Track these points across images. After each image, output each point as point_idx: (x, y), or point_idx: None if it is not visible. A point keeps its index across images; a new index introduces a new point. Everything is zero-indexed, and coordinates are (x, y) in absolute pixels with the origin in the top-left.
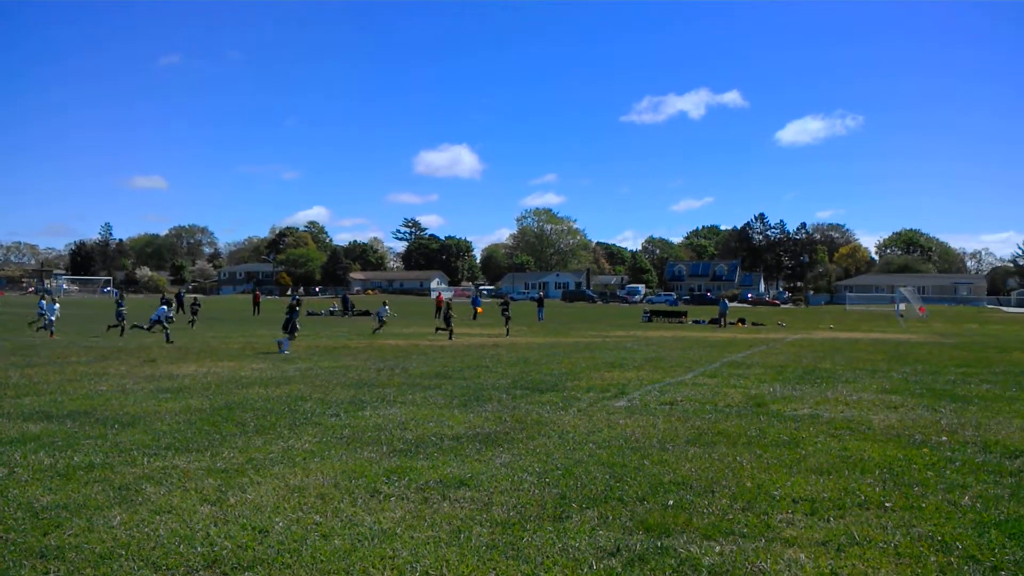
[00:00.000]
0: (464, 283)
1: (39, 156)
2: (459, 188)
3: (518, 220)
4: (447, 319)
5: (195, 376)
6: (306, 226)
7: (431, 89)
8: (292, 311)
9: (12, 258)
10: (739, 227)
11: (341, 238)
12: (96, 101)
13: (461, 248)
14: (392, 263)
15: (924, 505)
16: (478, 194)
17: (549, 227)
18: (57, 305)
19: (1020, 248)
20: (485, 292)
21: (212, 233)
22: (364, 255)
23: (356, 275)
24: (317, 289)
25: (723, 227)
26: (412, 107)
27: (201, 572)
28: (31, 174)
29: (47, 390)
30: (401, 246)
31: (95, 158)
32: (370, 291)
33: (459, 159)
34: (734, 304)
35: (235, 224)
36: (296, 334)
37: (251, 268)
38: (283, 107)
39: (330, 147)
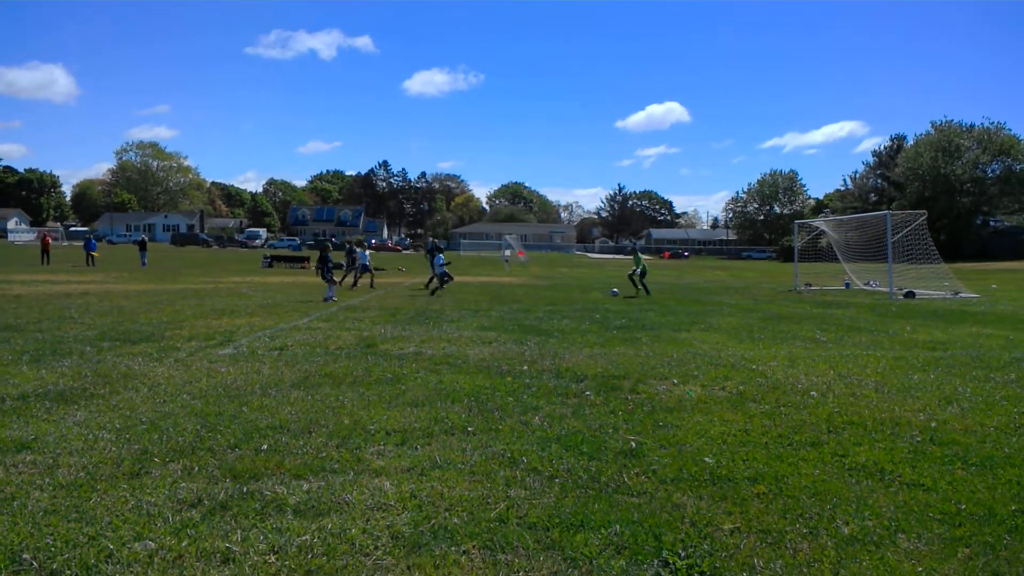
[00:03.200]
0: (51, 224)
1: None
2: (49, 114)
3: (117, 153)
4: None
5: None
6: None
7: None
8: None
9: None
10: (364, 173)
11: None
12: None
13: (46, 183)
14: None
15: (501, 427)
16: (72, 123)
17: (156, 163)
18: None
19: (603, 202)
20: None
21: None
22: None
23: None
24: None
25: (348, 173)
26: None
27: None
28: None
29: None
30: None
31: None
32: None
33: (51, 80)
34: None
35: None
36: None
37: None
38: None
39: None
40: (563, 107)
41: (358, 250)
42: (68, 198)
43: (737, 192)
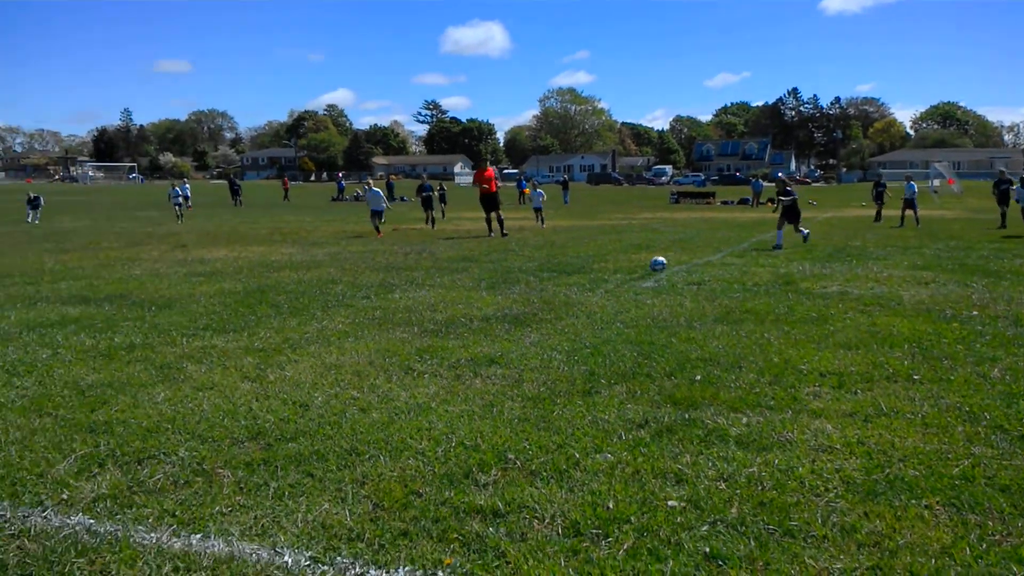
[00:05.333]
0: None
1: (64, 41)
2: (488, 68)
3: (541, 101)
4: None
5: (226, 260)
6: (325, 110)
7: None
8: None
9: (36, 145)
10: (771, 103)
11: (365, 121)
12: None
13: (484, 131)
14: (414, 147)
15: (953, 378)
16: (506, 74)
17: (574, 108)
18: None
19: None
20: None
21: (232, 118)
22: (386, 139)
23: (379, 160)
24: (340, 175)
25: (754, 104)
26: None
27: (246, 443)
28: (56, 60)
29: (83, 275)
30: (423, 129)
31: (119, 42)
32: (393, 176)
33: (490, 37)
34: (768, 184)
35: (257, 108)
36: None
37: (273, 154)
38: None
39: (356, 27)
40: (1007, 8)
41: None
42: (502, 143)
43: None
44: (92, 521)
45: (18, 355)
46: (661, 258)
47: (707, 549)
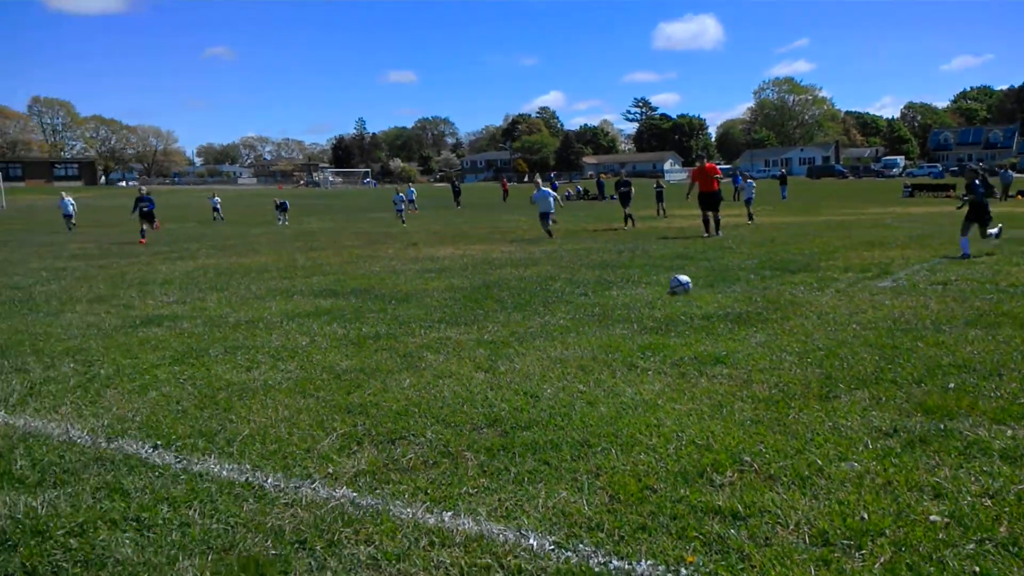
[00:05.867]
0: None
1: (305, 59)
2: (699, 62)
3: (755, 93)
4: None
5: (452, 258)
6: (538, 112)
7: None
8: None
9: (283, 153)
10: (1016, 87)
11: (575, 122)
12: (345, 3)
13: (695, 126)
14: (624, 145)
15: None
16: (719, 68)
17: (791, 98)
18: (413, 190)
19: None
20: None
21: (453, 124)
22: (595, 139)
23: (588, 159)
24: (553, 175)
25: (998, 88)
26: None
27: (484, 429)
28: (298, 76)
29: (330, 271)
30: (632, 127)
31: (353, 57)
32: (603, 175)
33: (703, 30)
34: (1018, 176)
35: (476, 113)
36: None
37: (490, 156)
38: None
39: (568, 29)
40: None
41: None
42: (713, 138)
43: None
44: (355, 494)
45: (281, 342)
46: (684, 277)
47: (976, 569)
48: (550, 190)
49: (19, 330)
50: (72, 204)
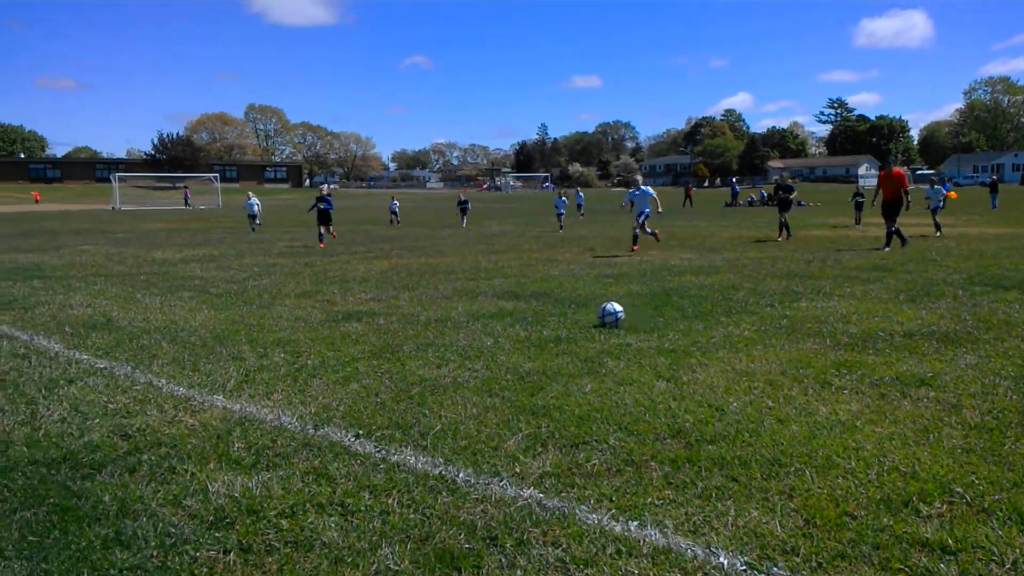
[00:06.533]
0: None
1: (493, 65)
2: (904, 61)
3: (966, 93)
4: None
5: (630, 263)
6: (723, 115)
7: None
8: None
9: (468, 159)
10: None
11: (763, 124)
12: (536, 10)
13: (895, 128)
14: (814, 148)
15: None
16: (925, 67)
17: (1006, 99)
18: (582, 196)
19: None
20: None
21: (634, 128)
22: (783, 141)
23: (774, 163)
24: (734, 179)
25: None
26: None
27: (668, 440)
28: (488, 83)
29: (511, 273)
30: (825, 130)
31: (538, 63)
32: (792, 179)
33: (910, 26)
34: None
35: (657, 117)
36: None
37: (669, 161)
38: None
39: (761, 29)
40: None
41: None
42: (915, 142)
43: None
44: (541, 495)
45: (468, 341)
46: (615, 306)
47: None
48: (650, 189)
49: (235, 320)
50: (257, 204)
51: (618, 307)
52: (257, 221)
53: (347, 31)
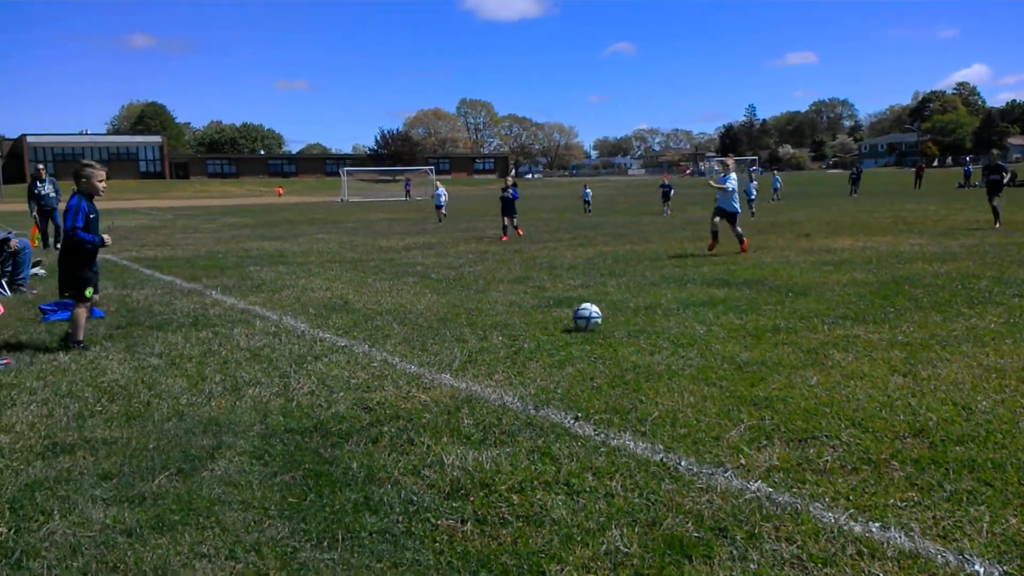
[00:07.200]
0: None
1: (698, 46)
2: None
3: None
4: None
5: (852, 250)
6: (955, 88)
7: None
8: None
9: (671, 144)
10: None
11: (1001, 98)
12: None
13: None
14: None
15: None
16: None
17: None
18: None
19: None
20: None
21: (852, 105)
22: None
23: (1015, 140)
24: (967, 159)
25: None
26: None
27: (908, 439)
28: (692, 66)
29: (719, 261)
30: None
31: (748, 42)
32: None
33: None
34: None
35: (879, 93)
36: None
37: (893, 139)
38: None
39: None
40: None
41: None
42: None
43: None
44: (770, 489)
45: (679, 329)
46: (589, 308)
47: None
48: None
49: (455, 304)
50: (444, 195)
51: (593, 309)
52: (443, 212)
53: (552, 22)
